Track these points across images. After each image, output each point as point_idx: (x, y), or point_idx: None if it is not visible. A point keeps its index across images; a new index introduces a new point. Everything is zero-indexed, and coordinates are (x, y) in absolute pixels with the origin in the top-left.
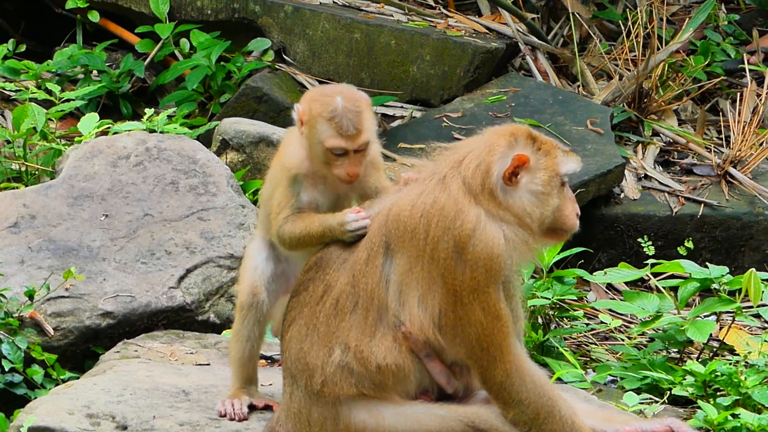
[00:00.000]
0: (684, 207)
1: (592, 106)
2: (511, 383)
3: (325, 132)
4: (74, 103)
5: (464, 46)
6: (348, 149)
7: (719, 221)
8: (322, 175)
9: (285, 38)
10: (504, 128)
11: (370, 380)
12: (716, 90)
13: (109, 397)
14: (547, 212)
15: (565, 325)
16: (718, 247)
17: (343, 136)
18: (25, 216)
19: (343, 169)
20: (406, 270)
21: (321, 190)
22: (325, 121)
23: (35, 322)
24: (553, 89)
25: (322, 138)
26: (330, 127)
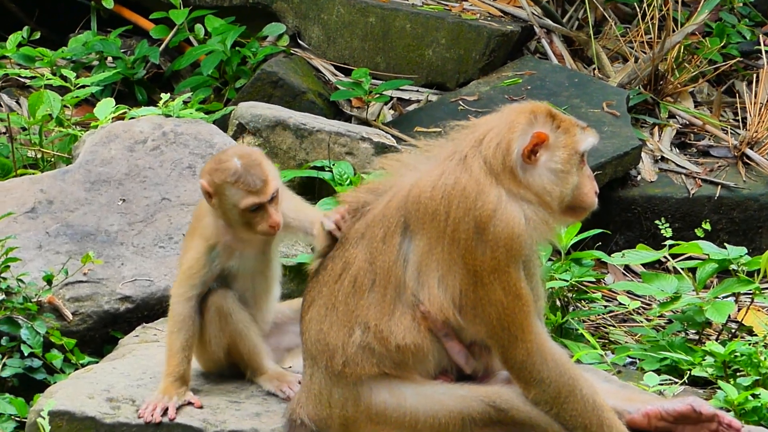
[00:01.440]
0: (701, 189)
1: (607, 88)
2: (532, 362)
3: (235, 195)
4: (89, 89)
5: (479, 29)
6: (262, 202)
7: (736, 203)
8: (243, 240)
9: (300, 23)
10: (523, 106)
11: (391, 360)
12: (732, 72)
13: (129, 381)
14: (566, 190)
15: (584, 307)
16: (735, 228)
17: (253, 192)
18: (43, 201)
19: (265, 223)
20: (425, 251)
21: (238, 257)
22: (231, 185)
23: (54, 306)
24: (569, 72)
25: (235, 201)
26: (239, 189)
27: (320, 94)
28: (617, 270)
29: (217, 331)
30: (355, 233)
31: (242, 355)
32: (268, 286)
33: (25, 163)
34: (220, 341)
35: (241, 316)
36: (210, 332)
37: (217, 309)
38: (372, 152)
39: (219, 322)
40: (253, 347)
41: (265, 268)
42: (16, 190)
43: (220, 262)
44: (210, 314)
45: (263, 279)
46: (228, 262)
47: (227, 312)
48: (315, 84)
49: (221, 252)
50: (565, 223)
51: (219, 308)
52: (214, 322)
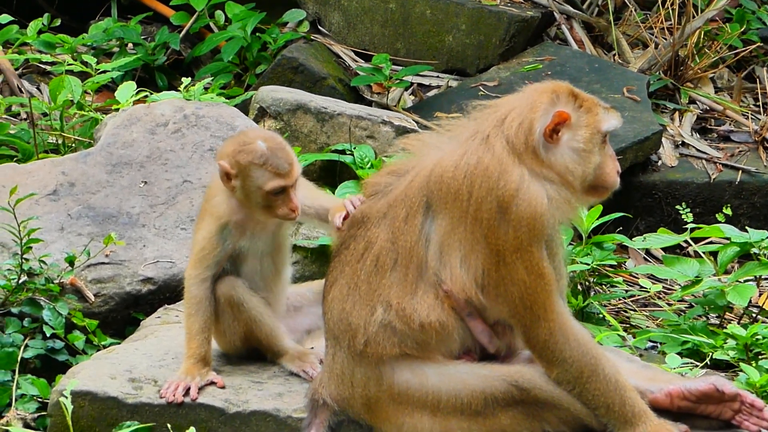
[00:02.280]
0: (722, 174)
1: (628, 74)
2: (555, 342)
3: (261, 177)
4: (110, 74)
5: (500, 15)
6: (288, 185)
7: (757, 187)
8: (255, 220)
9: (320, 9)
10: (545, 85)
11: (413, 339)
12: (752, 57)
13: (151, 362)
14: (588, 169)
15: (605, 291)
16: (756, 213)
17: (280, 174)
18: (65, 183)
19: (285, 207)
20: (448, 231)
21: (249, 236)
22: (257, 167)
23: (76, 288)
24: (589, 57)
25: (260, 183)
26: (265, 171)
27: (340, 80)
28: (638, 254)
29: (231, 321)
30: (378, 213)
31: (260, 340)
32: (279, 267)
33: (46, 149)
34: (235, 330)
35: (254, 302)
36: (224, 323)
37: (227, 299)
38: (393, 136)
39: (232, 312)
40: (270, 331)
41: (275, 249)
42: (38, 172)
43: (232, 241)
44: (221, 305)
45: (273, 260)
46: (239, 241)
47: (238, 301)
48: (335, 70)
49: (233, 230)
50: (587, 203)
51: (229, 298)
52: (227, 312)
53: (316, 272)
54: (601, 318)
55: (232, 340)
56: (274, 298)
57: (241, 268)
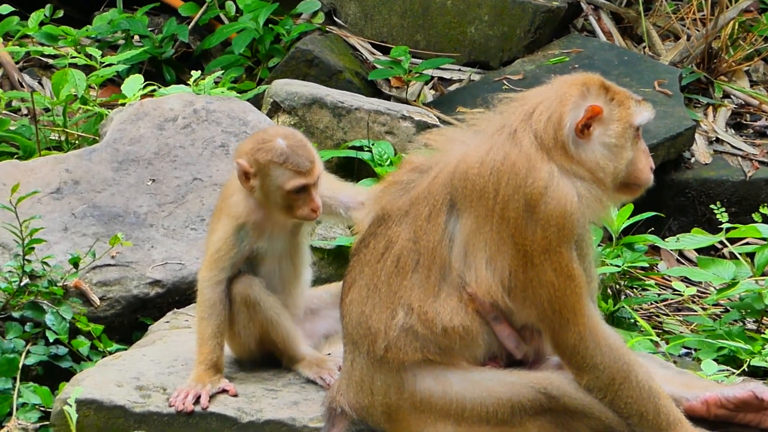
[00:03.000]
0: (758, 171)
1: (659, 67)
2: (585, 347)
3: (282, 176)
4: (116, 67)
5: (524, 5)
6: (309, 184)
7: None
8: (274, 220)
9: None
10: (575, 77)
11: (436, 344)
12: None
13: (160, 369)
14: (620, 166)
15: (636, 294)
16: None
17: (301, 173)
18: (68, 181)
19: (306, 207)
20: (473, 230)
21: (267, 237)
22: (278, 166)
23: (80, 291)
24: (618, 50)
25: (280, 182)
26: (286, 170)
27: (357, 74)
28: (671, 256)
29: (246, 321)
30: (399, 210)
31: (276, 343)
32: (298, 269)
33: (49, 146)
34: (250, 332)
35: (270, 302)
36: (239, 323)
37: (243, 299)
38: (413, 131)
39: (247, 312)
40: (287, 334)
41: (294, 250)
42: (40, 169)
43: (249, 242)
44: (237, 305)
45: (292, 262)
46: (257, 242)
47: (255, 300)
48: (352, 63)
49: (250, 231)
50: (619, 200)
51: (245, 297)
52: (242, 312)
53: (333, 274)
54: (633, 323)
55: (246, 343)
56: (293, 301)
57: (258, 269)
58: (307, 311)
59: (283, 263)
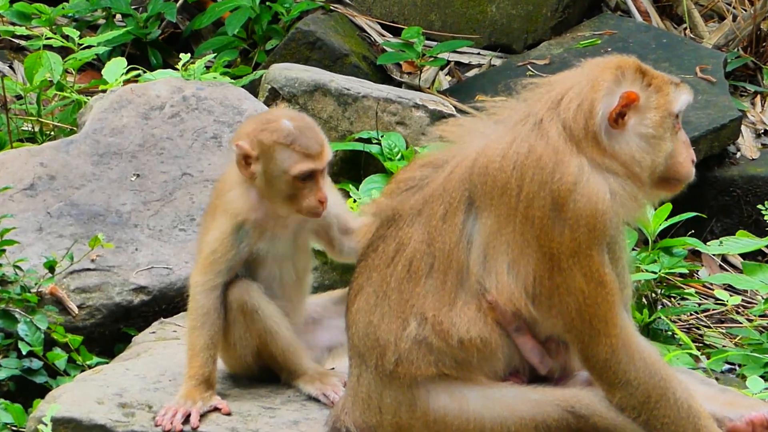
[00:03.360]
0: None
1: (701, 50)
2: (617, 361)
3: (288, 159)
4: (95, 50)
5: None
6: (317, 169)
7: None
8: (276, 219)
9: None
10: (608, 60)
11: (452, 357)
12: None
13: (145, 384)
14: (659, 159)
15: (674, 304)
16: None
17: (309, 156)
18: (43, 176)
19: (313, 197)
20: (494, 231)
21: (269, 238)
22: (284, 148)
23: (56, 298)
24: (656, 31)
25: (286, 167)
26: (293, 152)
27: (365, 57)
28: (713, 261)
29: (243, 331)
30: (411, 210)
31: (275, 356)
32: (300, 274)
33: (21, 137)
34: (247, 343)
35: (270, 310)
36: (235, 334)
37: (240, 306)
38: (427, 122)
39: (244, 321)
40: (288, 346)
41: (297, 253)
42: (12, 163)
43: (249, 243)
44: (233, 313)
45: (294, 266)
46: (257, 243)
47: (253, 308)
48: (359, 45)
49: (250, 231)
50: (657, 198)
51: (242, 304)
52: (239, 321)
53: (337, 281)
54: (671, 335)
55: (242, 355)
56: (293, 309)
57: (257, 273)
58: (308, 321)
59: (284, 267)
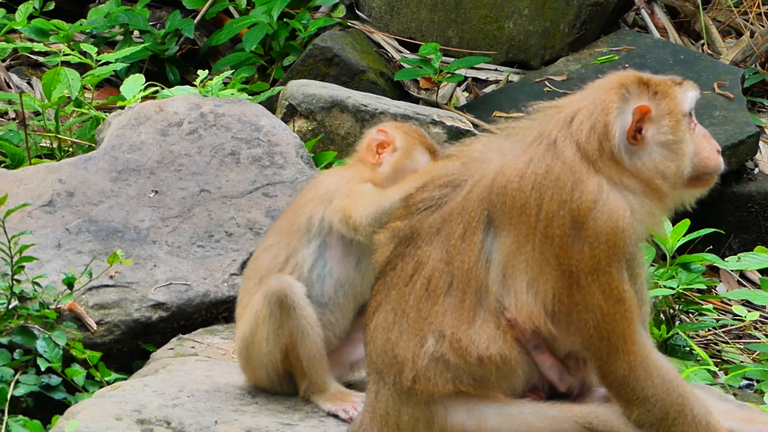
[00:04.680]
0: None
1: (719, 66)
2: (636, 378)
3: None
4: (113, 66)
5: None
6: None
7: None
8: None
9: None
10: (609, 80)
11: (470, 374)
12: None
13: (163, 401)
14: (684, 162)
15: (692, 320)
16: None
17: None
18: (62, 193)
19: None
20: (513, 250)
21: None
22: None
23: (75, 315)
24: (674, 47)
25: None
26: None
27: (382, 74)
28: (731, 277)
29: (276, 327)
30: (430, 228)
31: (301, 360)
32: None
33: (39, 153)
34: (278, 340)
35: (308, 311)
36: (268, 327)
37: (279, 299)
38: (445, 138)
39: (280, 316)
40: (315, 353)
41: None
42: (31, 180)
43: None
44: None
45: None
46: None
47: (290, 304)
48: (376, 61)
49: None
50: (692, 197)
51: (282, 298)
52: (274, 315)
53: None
54: (689, 351)
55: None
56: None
57: (344, 260)
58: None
59: (363, 265)
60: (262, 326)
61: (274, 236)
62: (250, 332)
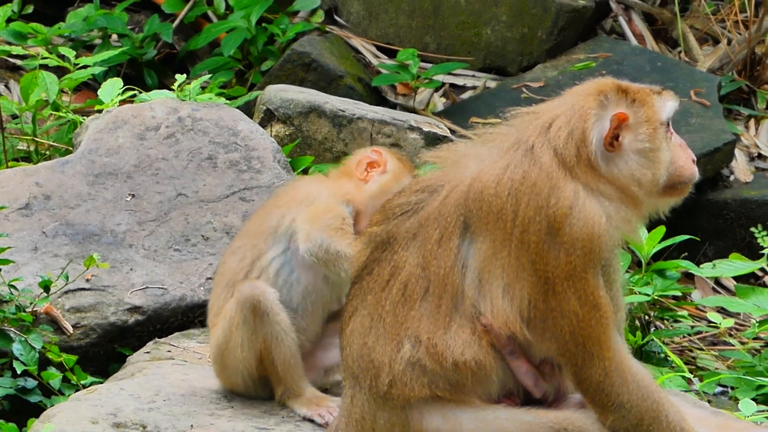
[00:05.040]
0: None
1: (696, 74)
2: (611, 384)
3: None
4: (91, 70)
5: (546, 4)
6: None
7: None
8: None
9: None
10: (588, 87)
11: (446, 379)
12: None
13: (139, 404)
14: (660, 171)
15: (667, 326)
16: None
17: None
18: (39, 196)
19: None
20: (489, 255)
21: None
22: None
23: (51, 318)
24: (651, 54)
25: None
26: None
27: (360, 79)
28: (706, 284)
29: (250, 333)
30: (406, 233)
31: (276, 365)
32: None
33: (16, 156)
34: (252, 345)
35: (281, 317)
36: (242, 334)
37: (252, 305)
38: (422, 144)
39: (254, 322)
40: (290, 358)
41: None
42: (8, 183)
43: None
44: (243, 311)
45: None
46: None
47: (264, 310)
48: (354, 67)
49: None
50: (666, 206)
51: (255, 304)
52: (248, 321)
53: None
54: (663, 358)
55: (245, 359)
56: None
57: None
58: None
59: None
60: (236, 333)
61: (242, 239)
62: (224, 339)
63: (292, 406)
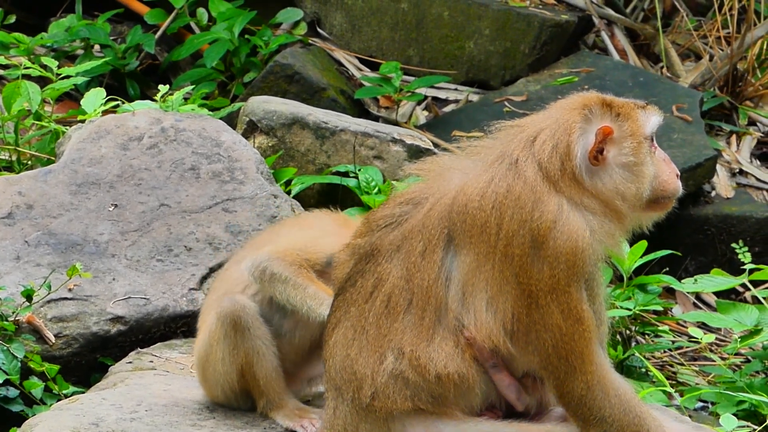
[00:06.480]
0: None
1: (678, 89)
2: (593, 397)
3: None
4: (74, 80)
5: (529, 18)
6: None
7: None
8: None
9: (320, 8)
10: (573, 101)
11: (428, 392)
12: None
13: (121, 414)
14: (644, 185)
15: (648, 341)
16: None
17: None
18: (21, 205)
19: None
20: (473, 268)
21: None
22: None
23: (33, 327)
24: (633, 69)
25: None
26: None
27: (342, 92)
28: (687, 299)
29: (231, 348)
30: (390, 245)
31: (258, 379)
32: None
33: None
34: (233, 360)
35: (262, 331)
36: (224, 349)
37: (233, 321)
38: (404, 156)
39: (234, 337)
40: (272, 371)
41: None
42: None
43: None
44: (224, 327)
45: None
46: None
47: (244, 326)
48: (336, 79)
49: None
50: (650, 220)
51: (236, 320)
52: (229, 336)
53: None
54: (645, 372)
55: (226, 372)
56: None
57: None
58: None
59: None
60: (217, 347)
61: (247, 250)
62: (205, 352)
63: (275, 417)
